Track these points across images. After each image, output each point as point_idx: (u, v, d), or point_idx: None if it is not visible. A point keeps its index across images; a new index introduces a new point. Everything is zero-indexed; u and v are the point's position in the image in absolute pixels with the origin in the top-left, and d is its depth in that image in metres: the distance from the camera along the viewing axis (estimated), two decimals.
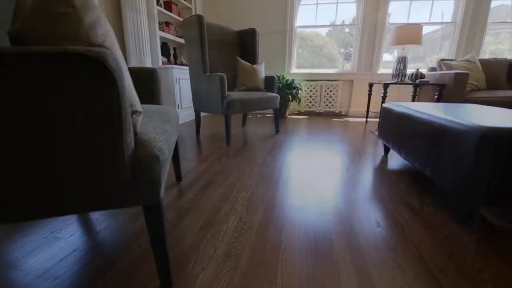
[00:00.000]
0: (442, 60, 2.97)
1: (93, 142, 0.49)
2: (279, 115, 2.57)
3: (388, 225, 0.98)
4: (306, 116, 3.89)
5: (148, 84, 1.18)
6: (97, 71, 0.46)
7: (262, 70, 2.54)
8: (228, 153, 1.91)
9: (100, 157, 0.51)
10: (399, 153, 1.51)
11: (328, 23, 3.91)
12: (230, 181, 1.38)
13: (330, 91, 3.93)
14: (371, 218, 1.03)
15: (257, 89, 2.48)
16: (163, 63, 3.03)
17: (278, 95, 2.48)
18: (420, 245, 0.86)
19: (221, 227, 0.96)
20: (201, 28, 2.07)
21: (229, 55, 2.57)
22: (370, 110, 3.90)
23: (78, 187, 0.52)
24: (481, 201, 0.93)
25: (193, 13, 3.63)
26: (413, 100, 3.21)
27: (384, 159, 1.81)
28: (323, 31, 4.00)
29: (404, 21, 3.68)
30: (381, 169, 1.61)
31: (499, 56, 3.62)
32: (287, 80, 3.52)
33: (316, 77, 3.94)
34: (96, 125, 0.48)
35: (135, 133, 0.59)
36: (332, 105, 3.98)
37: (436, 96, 2.66)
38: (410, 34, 2.77)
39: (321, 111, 4.04)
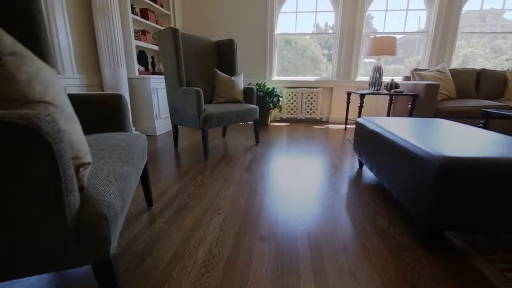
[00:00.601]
0: (415, 70, 3.08)
1: (29, 209, 0.46)
2: (259, 127, 2.56)
3: (354, 250, 1.00)
4: (288, 123, 3.92)
5: (114, 111, 1.14)
6: (29, 138, 0.43)
7: (241, 81, 2.53)
8: (205, 170, 1.89)
9: (38, 222, 0.48)
10: (371, 169, 1.55)
11: (308, 30, 3.96)
12: (203, 204, 1.36)
13: (311, 98, 3.98)
14: (339, 242, 1.04)
15: (236, 101, 2.47)
16: (140, 72, 2.96)
17: (257, 107, 2.47)
18: (384, 274, 0.88)
19: (189, 262, 0.94)
20: (176, 42, 2.03)
21: (207, 66, 2.54)
22: (349, 117, 3.98)
23: (13, 251, 0.48)
24: (442, 226, 0.96)
25: (172, 20, 3.57)
26: (389, 109, 3.32)
27: (359, 173, 1.85)
28: (308, 30, 3.99)
29: (381, 28, 3.79)
30: (355, 184, 1.64)
31: (471, 60, 3.81)
32: (267, 89, 3.53)
33: (297, 85, 3.97)
34: (31, 192, 0.46)
35: (82, 188, 0.56)
36: (313, 112, 4.04)
37: (409, 106, 2.75)
38: (384, 46, 2.85)
39: (303, 118, 4.08)
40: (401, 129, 1.41)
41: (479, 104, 2.58)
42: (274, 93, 3.55)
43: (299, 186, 1.61)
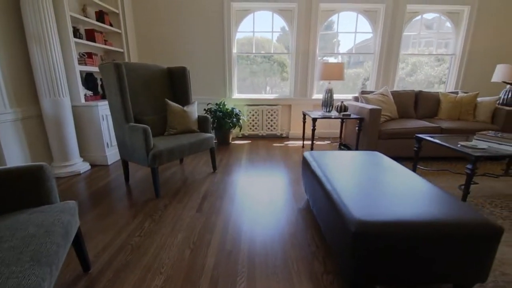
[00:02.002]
0: (362, 92, 3.32)
1: None
2: (218, 150, 2.56)
3: None
4: (250, 141, 3.96)
5: (35, 182, 1.07)
6: None
7: (195, 110, 2.51)
8: (155, 211, 1.84)
9: None
10: (312, 207, 1.64)
11: (268, 48, 4.04)
12: (146, 262, 1.33)
13: (271, 115, 4.07)
14: None
15: (190, 131, 2.45)
16: (87, 98, 2.78)
17: (212, 135, 2.47)
18: None
19: None
20: (119, 77, 1.95)
21: (158, 95, 2.47)
22: (306, 135, 4.14)
23: None
24: (363, 282, 1.06)
25: (123, 39, 3.42)
26: (341, 128, 3.53)
27: (307, 206, 1.94)
28: (274, 37, 4.02)
29: (335, 49, 4.01)
30: (300, 221, 1.72)
31: (419, 67, 4.18)
32: (227, 109, 3.54)
33: (257, 102, 4.04)
34: None
35: None
36: (274, 128, 4.14)
37: (357, 127, 2.95)
38: (333, 71, 3.03)
39: (264, 134, 4.16)
40: (337, 174, 1.52)
41: (415, 125, 2.86)
42: (234, 113, 3.57)
43: (247, 227, 1.65)
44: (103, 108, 2.71)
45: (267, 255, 1.38)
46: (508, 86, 3.18)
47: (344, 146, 3.54)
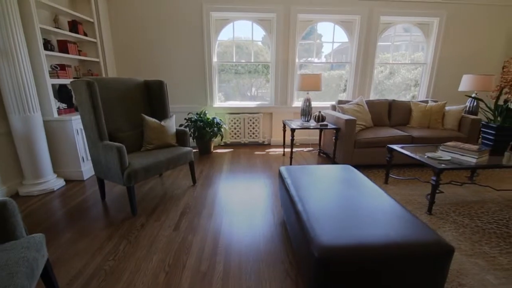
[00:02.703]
0: (339, 102, 3.42)
1: None
2: (194, 168, 2.56)
3: None
4: (232, 149, 3.98)
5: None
6: None
7: (173, 124, 2.50)
8: (131, 231, 1.83)
9: None
10: (286, 223, 1.69)
11: (248, 57, 4.07)
12: None
13: (253, 123, 4.11)
14: None
15: (168, 146, 2.44)
16: (60, 111, 2.70)
17: (190, 149, 2.47)
18: None
19: None
20: (92, 95, 1.91)
21: (134, 110, 2.44)
22: (286, 143, 4.21)
23: None
24: None
25: (99, 49, 3.34)
26: (320, 136, 3.62)
27: (283, 220, 1.99)
28: (259, 38, 4.03)
29: (314, 57, 4.11)
30: (276, 237, 1.76)
31: (397, 71, 4.34)
32: (207, 119, 3.54)
33: (238, 111, 4.06)
34: None
35: None
36: (256, 136, 4.18)
37: (334, 137, 3.05)
38: (311, 82, 3.11)
39: (246, 142, 4.20)
40: (309, 193, 1.57)
41: (388, 134, 2.99)
42: (215, 122, 3.58)
43: (224, 245, 1.67)
44: (77, 122, 2.64)
45: (241, 275, 1.41)
46: (473, 94, 3.39)
47: (323, 153, 3.64)
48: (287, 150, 3.90)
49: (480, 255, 1.61)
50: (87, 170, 2.78)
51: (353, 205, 1.40)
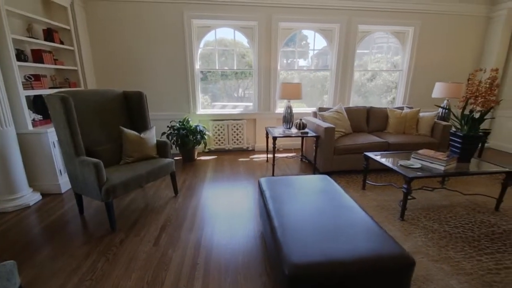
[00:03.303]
0: (320, 109, 3.51)
1: None
2: (176, 178, 2.56)
3: None
4: (216, 156, 3.99)
5: None
6: None
7: (153, 136, 2.49)
8: (109, 247, 1.81)
9: None
10: (264, 234, 1.74)
11: (231, 65, 4.09)
12: None
13: (237, 129, 4.14)
14: None
15: (148, 158, 2.42)
16: (36, 123, 2.62)
17: (172, 160, 2.47)
18: None
19: None
20: (67, 111, 1.88)
21: (113, 122, 2.42)
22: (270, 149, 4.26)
23: None
24: None
25: (77, 57, 3.26)
26: (302, 143, 3.69)
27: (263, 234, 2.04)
28: (244, 41, 4.05)
29: (295, 65, 4.18)
30: (255, 249, 1.80)
31: (378, 73, 4.48)
32: (190, 127, 3.54)
33: (222, 117, 4.08)
34: None
35: None
36: (240, 142, 4.21)
37: (314, 145, 3.13)
38: (292, 91, 3.17)
39: (231, 148, 4.22)
40: (285, 208, 1.62)
41: (366, 141, 3.11)
42: (198, 130, 3.58)
43: (203, 258, 1.70)
44: (53, 134, 2.57)
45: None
46: (445, 101, 3.58)
47: (306, 159, 3.72)
48: (271, 156, 3.96)
49: (445, 260, 1.72)
50: (65, 183, 2.72)
51: (326, 219, 1.46)
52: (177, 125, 3.56)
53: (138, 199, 2.56)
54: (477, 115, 2.30)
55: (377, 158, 2.51)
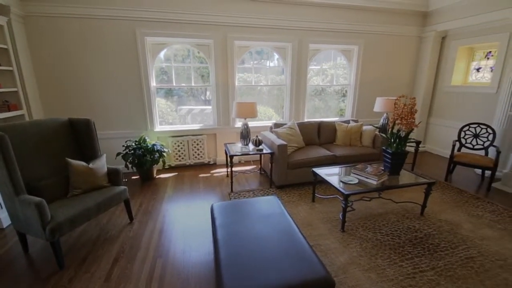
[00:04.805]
0: (275, 125, 3.71)
1: None
2: (130, 205, 2.55)
3: None
4: (176, 172, 3.99)
5: None
6: None
7: (103, 164, 2.45)
8: None
9: None
10: (214, 260, 1.85)
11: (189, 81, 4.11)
12: None
13: (197, 144, 4.18)
14: None
15: (98, 187, 2.38)
16: None
17: (124, 188, 2.46)
18: None
19: None
20: (3, 149, 1.80)
21: (58, 153, 2.33)
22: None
23: None
24: None
25: (17, 77, 3.05)
26: (260, 157, 3.86)
27: None
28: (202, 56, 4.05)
29: (252, 81, 4.34)
30: (206, 278, 1.91)
31: (336, 78, 4.80)
32: (146, 146, 3.51)
33: (181, 133, 4.09)
34: None
35: None
36: (201, 157, 4.26)
37: (270, 161, 3.31)
38: (247, 110, 3.32)
39: (192, 163, 4.25)
40: (231, 235, 1.75)
41: (316, 155, 3.37)
42: (155, 149, 3.56)
43: None
44: None
45: None
46: (384, 114, 4.00)
47: (264, 171, 3.90)
48: (234, 169, 4.06)
49: (373, 268, 1.98)
50: (7, 217, 2.55)
51: (268, 248, 1.61)
52: (133, 144, 3.50)
53: (89, 230, 2.49)
54: (403, 134, 2.66)
55: (323, 175, 2.75)
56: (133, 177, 3.78)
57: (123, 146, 3.60)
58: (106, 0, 3.33)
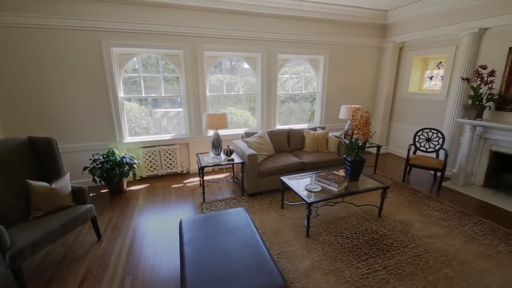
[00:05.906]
0: (246, 134, 3.82)
1: None
2: (97, 223, 2.52)
3: None
4: (148, 184, 3.95)
5: None
6: None
7: (67, 183, 2.40)
8: None
9: None
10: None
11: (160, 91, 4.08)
12: None
13: (169, 154, 4.17)
14: None
15: (63, 208, 2.33)
16: None
17: (90, 206, 2.42)
18: None
19: None
20: None
21: (17, 174, 2.25)
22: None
23: None
24: None
25: None
26: (233, 166, 3.94)
27: None
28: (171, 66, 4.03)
29: (223, 90, 4.41)
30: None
31: (309, 82, 4.99)
32: (115, 159, 3.45)
33: (152, 144, 4.06)
34: None
35: None
36: (174, 166, 4.25)
37: (241, 170, 3.41)
38: (217, 121, 3.40)
39: (164, 173, 4.23)
40: (198, 251, 1.82)
41: (285, 162, 3.53)
42: (124, 162, 3.51)
43: None
44: None
45: None
46: (348, 121, 4.27)
47: (236, 179, 4.00)
48: (206, 178, 4.11)
49: (333, 272, 2.16)
50: None
51: (231, 262, 1.70)
52: (101, 158, 3.43)
53: (54, 251, 2.43)
54: (360, 142, 2.89)
55: (290, 184, 2.90)
56: (102, 191, 3.69)
57: (90, 159, 3.50)
58: (67, 10, 3.23)
